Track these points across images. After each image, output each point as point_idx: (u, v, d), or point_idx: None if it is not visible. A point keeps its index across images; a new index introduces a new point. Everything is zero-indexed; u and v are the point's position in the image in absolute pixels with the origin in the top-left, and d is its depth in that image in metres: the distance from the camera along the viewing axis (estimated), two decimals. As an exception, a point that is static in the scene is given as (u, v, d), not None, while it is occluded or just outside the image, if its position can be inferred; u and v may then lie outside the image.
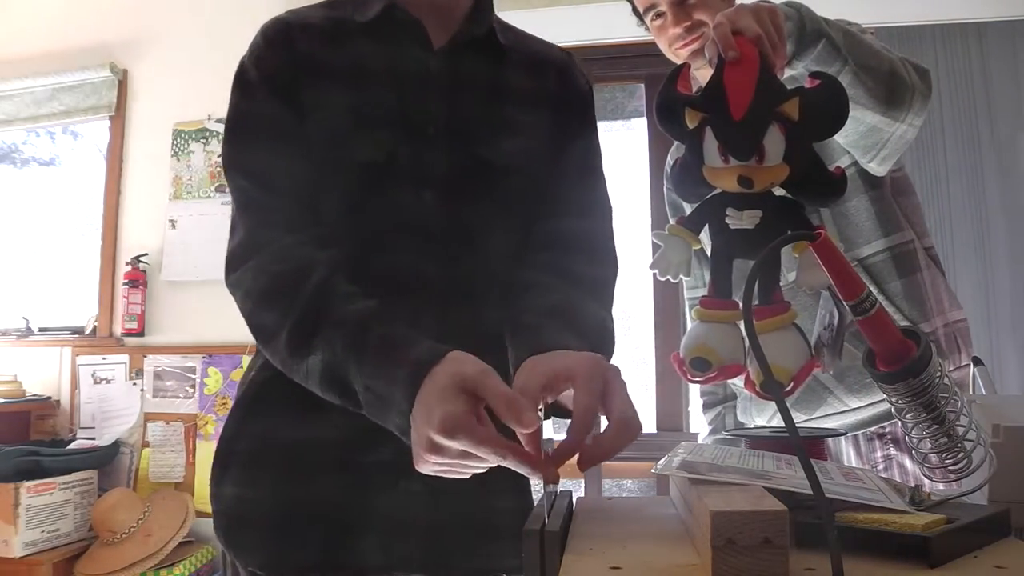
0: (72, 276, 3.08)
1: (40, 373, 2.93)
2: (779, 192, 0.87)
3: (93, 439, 2.75)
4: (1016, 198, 2.43)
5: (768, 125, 0.84)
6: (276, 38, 1.01)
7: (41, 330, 3.01)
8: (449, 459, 0.71)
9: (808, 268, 0.82)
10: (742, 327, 0.83)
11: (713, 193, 0.89)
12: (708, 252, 0.92)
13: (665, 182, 1.65)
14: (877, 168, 1.33)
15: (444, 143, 0.97)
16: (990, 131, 2.45)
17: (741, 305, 0.79)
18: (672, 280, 0.92)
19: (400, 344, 0.79)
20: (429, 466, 0.72)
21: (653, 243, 0.92)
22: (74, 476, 2.49)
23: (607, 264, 1.02)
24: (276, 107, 0.98)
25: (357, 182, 0.95)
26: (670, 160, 1.63)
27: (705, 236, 0.93)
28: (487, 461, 0.70)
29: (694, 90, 0.91)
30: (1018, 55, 2.47)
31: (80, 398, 2.88)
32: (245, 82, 1.01)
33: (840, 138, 1.28)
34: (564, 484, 0.73)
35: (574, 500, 0.84)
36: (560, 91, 1.06)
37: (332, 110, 0.97)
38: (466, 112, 0.99)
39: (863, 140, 1.27)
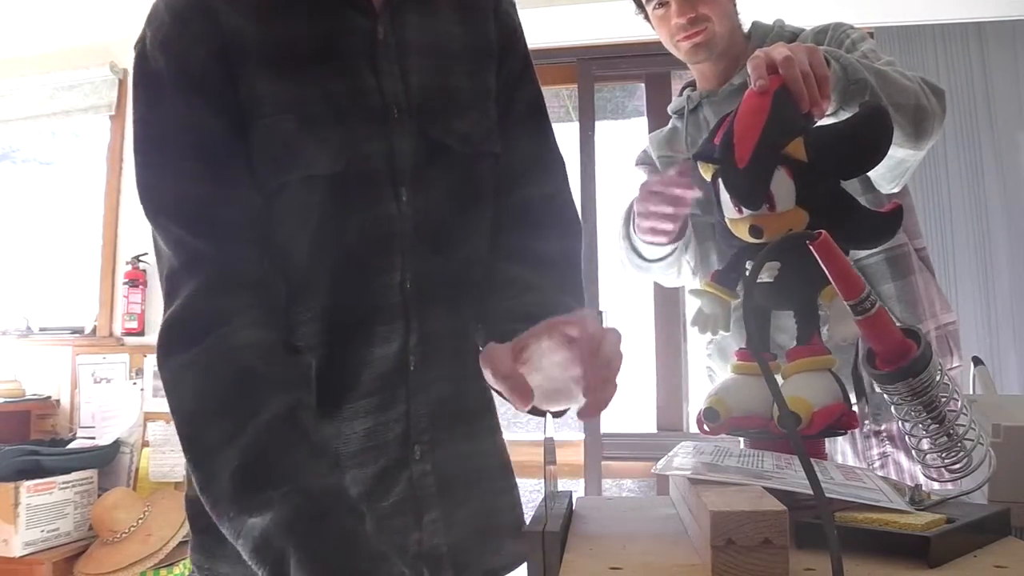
0: (72, 276, 3.08)
1: (40, 373, 2.93)
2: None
3: (93, 439, 2.75)
4: (1016, 198, 2.43)
5: (774, 169, 0.82)
6: (191, 11, 0.77)
7: (41, 330, 3.01)
8: None
9: (839, 319, 0.80)
10: (779, 378, 0.82)
11: (742, 246, 0.88)
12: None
13: (641, 164, 1.64)
14: (893, 189, 1.32)
15: (404, 128, 0.83)
16: (990, 131, 2.44)
17: (777, 350, 0.78)
18: (712, 336, 0.91)
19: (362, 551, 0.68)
20: None
21: (689, 300, 0.91)
22: (74, 476, 2.49)
23: (571, 232, 0.94)
24: (201, 112, 0.76)
25: (322, 198, 0.79)
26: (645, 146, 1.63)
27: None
28: None
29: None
30: (1018, 55, 2.46)
31: (80, 398, 2.87)
32: (152, 78, 0.78)
33: (872, 172, 1.26)
34: (564, 484, 0.73)
35: (574, 500, 0.84)
36: (498, 36, 0.92)
37: (278, 110, 0.78)
38: (418, 85, 0.84)
39: (890, 173, 1.26)
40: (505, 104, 0.93)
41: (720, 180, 0.86)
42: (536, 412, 0.76)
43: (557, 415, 0.78)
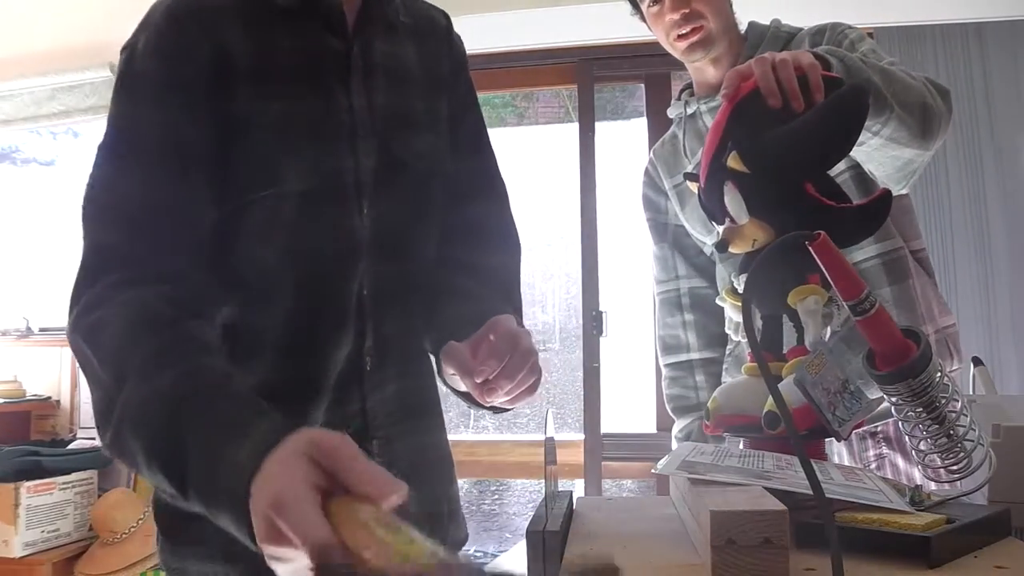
0: (72, 276, 3.07)
1: (40, 373, 2.93)
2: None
3: (93, 439, 2.74)
4: (1016, 199, 2.43)
5: (722, 185, 0.82)
6: (188, 21, 0.79)
7: (41, 330, 3.01)
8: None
9: (806, 321, 0.81)
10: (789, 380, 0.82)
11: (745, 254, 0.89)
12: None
13: (643, 177, 1.65)
14: (902, 191, 1.32)
15: (370, 145, 0.88)
16: (990, 132, 2.45)
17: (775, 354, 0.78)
18: (740, 340, 0.93)
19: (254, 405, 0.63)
20: (280, 566, 0.53)
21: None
22: (74, 476, 2.49)
23: (510, 247, 1.03)
24: (180, 120, 0.78)
25: (291, 212, 0.83)
26: (650, 155, 1.64)
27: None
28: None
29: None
30: (1018, 55, 2.46)
31: (80, 398, 2.87)
32: (138, 82, 0.79)
33: (878, 172, 1.26)
34: (564, 484, 0.74)
35: (574, 500, 0.85)
36: (449, 61, 1.00)
37: (260, 126, 0.80)
38: (379, 104, 0.90)
39: (898, 173, 1.25)
40: (454, 128, 1.00)
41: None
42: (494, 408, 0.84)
43: (506, 409, 0.86)
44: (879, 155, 1.18)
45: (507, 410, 0.88)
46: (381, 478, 0.54)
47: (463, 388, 0.85)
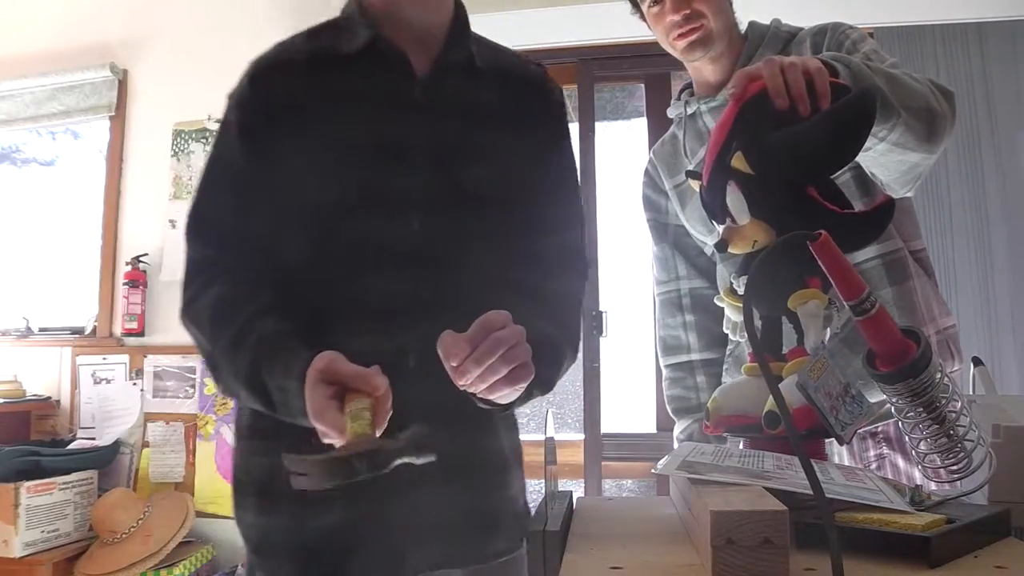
0: (72, 276, 3.08)
1: (40, 373, 2.93)
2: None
3: (93, 439, 2.75)
4: (1016, 199, 2.43)
5: (725, 185, 0.83)
6: (263, 78, 1.00)
7: (41, 330, 3.01)
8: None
9: (807, 325, 0.81)
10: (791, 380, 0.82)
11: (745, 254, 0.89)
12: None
13: (643, 177, 1.65)
14: (906, 194, 1.31)
15: (426, 170, 0.98)
16: (990, 131, 2.45)
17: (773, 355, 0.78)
18: (740, 340, 0.92)
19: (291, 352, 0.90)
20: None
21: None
22: (74, 476, 2.49)
23: (574, 276, 1.07)
24: (248, 158, 0.99)
25: (339, 217, 0.97)
26: (650, 155, 1.64)
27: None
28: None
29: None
30: (1018, 55, 2.47)
31: (80, 398, 2.87)
32: (224, 125, 1.03)
33: (883, 176, 1.26)
34: (564, 484, 0.74)
35: (574, 500, 0.85)
36: (535, 107, 1.08)
37: (311, 155, 0.97)
38: (446, 139, 1.00)
39: (903, 177, 1.24)
40: (536, 165, 1.05)
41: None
42: (483, 401, 0.86)
43: (508, 407, 0.89)
44: (884, 160, 1.18)
45: (499, 406, 0.88)
46: (368, 376, 0.81)
47: None
